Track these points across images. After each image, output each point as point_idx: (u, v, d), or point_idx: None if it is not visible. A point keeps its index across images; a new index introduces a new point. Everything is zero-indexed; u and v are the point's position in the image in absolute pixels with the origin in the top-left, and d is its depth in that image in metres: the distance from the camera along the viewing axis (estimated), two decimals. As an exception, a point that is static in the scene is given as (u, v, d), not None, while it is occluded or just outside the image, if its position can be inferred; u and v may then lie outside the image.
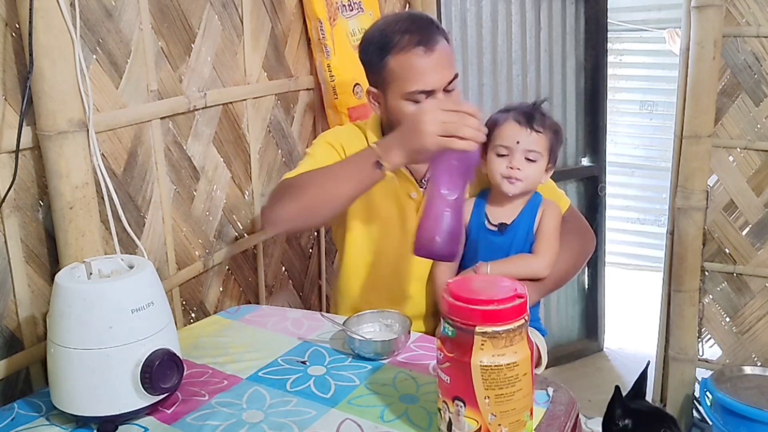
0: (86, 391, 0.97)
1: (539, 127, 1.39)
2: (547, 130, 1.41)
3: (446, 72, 1.36)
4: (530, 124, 1.39)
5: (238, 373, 1.15)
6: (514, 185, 1.40)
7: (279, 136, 1.79)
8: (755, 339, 2.33)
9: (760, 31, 2.12)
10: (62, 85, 1.12)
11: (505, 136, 1.40)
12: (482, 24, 2.65)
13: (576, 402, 1.09)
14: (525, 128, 1.39)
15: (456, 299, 0.88)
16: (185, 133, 1.48)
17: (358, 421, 1.01)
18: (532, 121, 1.39)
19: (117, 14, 1.28)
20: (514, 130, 1.39)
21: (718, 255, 2.32)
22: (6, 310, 1.15)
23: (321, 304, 2.03)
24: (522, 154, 1.39)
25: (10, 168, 1.10)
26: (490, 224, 1.45)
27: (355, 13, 1.91)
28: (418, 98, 1.35)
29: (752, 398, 2.10)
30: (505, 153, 1.40)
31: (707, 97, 2.18)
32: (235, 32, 1.59)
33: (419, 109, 1.25)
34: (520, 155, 1.39)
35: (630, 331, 3.27)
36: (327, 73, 1.83)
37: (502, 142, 1.40)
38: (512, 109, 1.43)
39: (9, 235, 1.13)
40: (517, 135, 1.39)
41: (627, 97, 4.07)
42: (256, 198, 1.71)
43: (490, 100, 2.73)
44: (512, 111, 1.43)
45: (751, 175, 2.23)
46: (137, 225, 1.36)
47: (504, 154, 1.40)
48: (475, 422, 0.88)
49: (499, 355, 0.86)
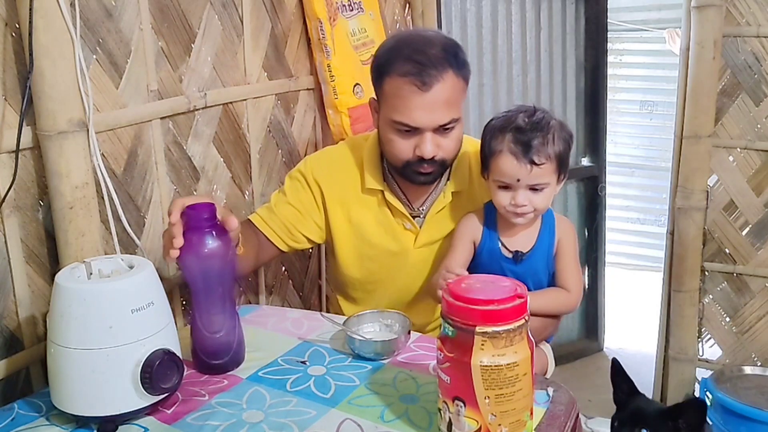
0: (86, 391, 0.96)
1: (541, 159, 1.24)
2: (551, 152, 1.25)
3: (438, 114, 1.27)
4: (529, 157, 1.23)
5: (238, 373, 1.15)
6: (522, 217, 1.30)
7: (279, 136, 1.79)
8: (755, 339, 2.33)
9: (760, 31, 2.12)
10: (62, 85, 1.12)
11: (503, 173, 1.26)
12: (482, 24, 2.65)
13: (576, 402, 1.09)
14: (524, 164, 1.24)
15: (456, 299, 0.88)
16: (185, 133, 1.48)
17: (358, 421, 1.00)
18: (530, 152, 1.23)
19: (117, 14, 1.28)
20: (513, 167, 1.25)
21: (718, 255, 2.32)
22: (6, 310, 1.15)
23: (321, 304, 2.03)
24: (525, 189, 1.27)
25: (10, 168, 1.10)
26: (506, 250, 1.35)
27: (355, 13, 1.91)
28: (402, 130, 1.29)
29: (752, 398, 2.10)
30: (507, 185, 1.28)
31: (707, 97, 2.18)
32: (235, 32, 1.59)
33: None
34: (523, 190, 1.27)
35: (630, 331, 3.27)
36: (327, 73, 1.83)
37: (501, 177, 1.27)
38: (510, 128, 1.26)
39: (9, 235, 1.13)
40: (517, 173, 1.25)
41: (627, 97, 4.07)
42: (256, 198, 1.71)
43: (490, 100, 2.73)
44: (509, 132, 1.26)
45: (751, 175, 2.23)
46: (137, 225, 1.36)
47: (506, 186, 1.28)
48: (475, 422, 0.88)
49: (499, 355, 0.86)
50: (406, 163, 1.34)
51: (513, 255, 1.35)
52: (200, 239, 1.10)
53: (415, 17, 2.20)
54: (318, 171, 1.46)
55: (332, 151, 1.53)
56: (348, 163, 1.47)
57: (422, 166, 1.33)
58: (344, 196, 1.46)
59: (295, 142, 1.85)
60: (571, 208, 3.03)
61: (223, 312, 1.15)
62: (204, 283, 1.13)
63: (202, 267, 1.12)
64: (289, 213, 1.46)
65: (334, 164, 1.47)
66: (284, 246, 1.48)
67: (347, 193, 1.46)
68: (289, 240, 1.47)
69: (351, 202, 1.46)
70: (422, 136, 1.29)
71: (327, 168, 1.47)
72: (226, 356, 1.16)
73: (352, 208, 1.46)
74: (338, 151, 1.51)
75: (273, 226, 1.46)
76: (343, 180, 1.46)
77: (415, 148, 1.31)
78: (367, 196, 1.45)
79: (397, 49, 1.30)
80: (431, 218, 1.44)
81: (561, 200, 2.98)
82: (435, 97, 1.26)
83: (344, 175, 1.46)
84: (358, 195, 1.45)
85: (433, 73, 1.25)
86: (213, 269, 1.12)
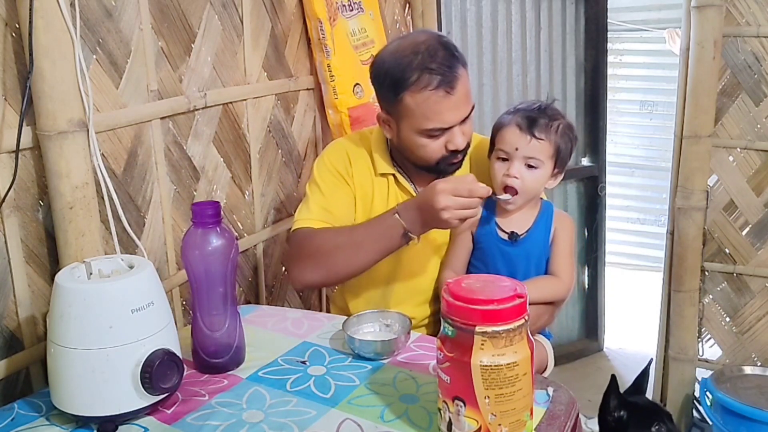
0: (86, 391, 0.96)
1: (541, 134, 1.32)
2: (552, 136, 1.32)
3: (464, 108, 1.33)
4: (531, 130, 1.32)
5: (238, 373, 1.15)
6: (511, 203, 1.35)
7: (279, 136, 1.79)
8: (755, 339, 2.33)
9: (760, 31, 2.12)
10: (62, 85, 1.12)
11: (504, 141, 1.34)
12: (482, 24, 2.65)
13: (576, 402, 1.09)
14: (525, 135, 1.32)
15: (456, 299, 0.88)
16: (185, 133, 1.48)
17: (358, 421, 1.00)
18: (534, 126, 1.32)
19: (117, 14, 1.28)
20: (514, 135, 1.33)
21: (718, 255, 2.32)
22: (6, 310, 1.15)
23: (321, 304, 2.03)
24: (521, 161, 1.33)
25: (10, 168, 1.10)
26: (502, 232, 1.39)
27: (355, 13, 1.91)
28: (435, 134, 1.34)
29: (752, 398, 2.10)
30: (505, 158, 1.35)
31: (707, 97, 2.17)
32: (235, 32, 1.59)
33: (434, 190, 1.23)
34: (519, 162, 1.33)
35: (630, 331, 3.27)
36: (327, 73, 1.83)
37: (502, 146, 1.35)
38: (520, 110, 1.36)
39: (9, 235, 1.13)
40: (517, 141, 1.32)
41: (627, 97, 4.07)
42: (256, 198, 1.71)
43: (490, 100, 2.73)
44: (519, 112, 1.35)
45: (751, 175, 2.23)
46: (137, 225, 1.36)
47: (504, 158, 1.35)
48: (475, 422, 0.88)
49: (499, 354, 0.86)
50: (439, 160, 1.38)
51: (509, 235, 1.38)
52: (204, 236, 1.12)
53: (415, 17, 2.20)
54: (340, 162, 1.47)
55: (342, 143, 1.53)
56: (359, 152, 1.49)
57: (455, 157, 1.38)
58: (363, 182, 1.47)
59: (295, 142, 1.85)
60: (571, 208, 3.03)
61: (225, 311, 1.16)
62: (206, 280, 1.13)
63: (205, 264, 1.12)
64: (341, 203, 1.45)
65: (350, 153, 1.49)
66: None
67: (365, 178, 1.48)
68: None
69: (367, 187, 1.48)
70: (451, 132, 1.34)
71: (346, 157, 1.48)
72: (226, 355, 1.16)
73: (368, 194, 1.48)
74: (347, 142, 1.52)
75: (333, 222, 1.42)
76: (360, 167, 1.47)
77: (446, 144, 1.35)
78: (380, 182, 1.47)
79: (405, 63, 1.31)
80: None
81: (561, 200, 2.98)
82: (459, 96, 1.31)
83: (359, 163, 1.47)
84: (373, 180, 1.48)
85: (454, 75, 1.30)
86: (216, 267, 1.13)
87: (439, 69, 1.29)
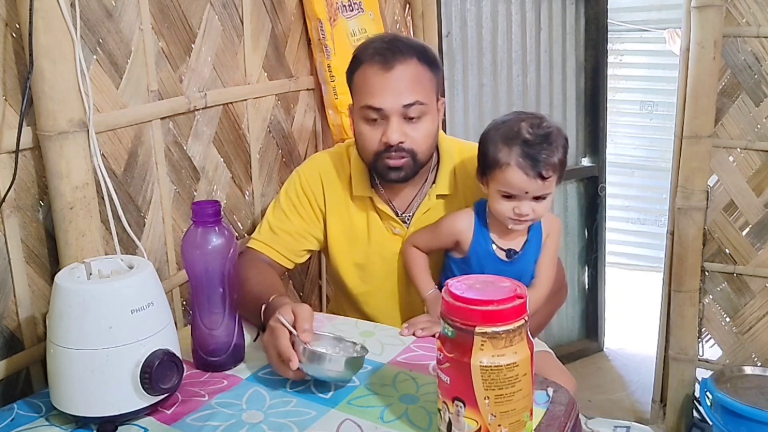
0: (86, 392, 0.97)
1: (549, 172, 1.24)
2: (557, 165, 1.25)
3: (402, 96, 1.30)
4: (538, 171, 1.23)
5: (237, 373, 1.16)
6: (523, 224, 1.31)
7: (279, 136, 1.79)
8: (755, 339, 2.33)
9: (760, 31, 2.12)
10: (62, 86, 1.12)
11: (511, 185, 1.26)
12: (482, 24, 2.65)
13: (576, 402, 1.09)
14: (534, 180, 1.24)
15: (456, 299, 0.88)
16: (185, 133, 1.48)
17: (358, 422, 1.01)
18: (540, 167, 1.23)
19: (117, 14, 1.28)
20: (522, 181, 1.24)
21: (718, 255, 2.32)
22: (6, 310, 1.15)
23: (321, 304, 2.03)
24: (530, 199, 1.27)
25: (10, 168, 1.10)
26: (500, 250, 1.35)
27: (355, 14, 1.91)
28: (370, 115, 1.32)
29: (752, 398, 2.09)
30: (510, 195, 1.28)
31: (707, 97, 2.17)
32: (235, 32, 1.59)
33: (270, 335, 1.12)
34: (527, 201, 1.27)
35: (630, 331, 3.27)
36: (327, 74, 1.83)
37: (507, 188, 1.27)
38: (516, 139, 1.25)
39: (9, 235, 1.13)
40: (526, 186, 1.25)
41: (627, 97, 4.07)
42: (256, 198, 1.71)
43: (490, 100, 2.73)
44: (516, 146, 1.24)
45: (751, 175, 2.23)
46: (137, 225, 1.36)
47: (509, 196, 1.28)
48: (474, 422, 0.88)
49: (499, 355, 0.86)
50: (375, 156, 1.35)
51: (506, 253, 1.35)
52: (204, 235, 1.12)
53: (415, 17, 2.20)
54: (314, 183, 1.47)
55: (320, 161, 1.51)
56: (336, 171, 1.48)
57: (390, 155, 1.34)
58: (338, 205, 1.47)
59: (295, 142, 1.85)
60: (571, 208, 3.03)
61: (224, 309, 1.16)
62: (206, 278, 1.14)
63: (205, 262, 1.13)
64: (293, 230, 1.46)
65: (325, 174, 1.48)
66: (290, 264, 1.49)
67: (339, 201, 1.47)
68: (294, 257, 1.48)
69: (343, 210, 1.47)
70: (388, 123, 1.32)
71: (319, 179, 1.47)
72: (225, 353, 1.17)
73: (344, 217, 1.47)
74: (326, 160, 1.50)
75: (278, 247, 1.46)
76: (335, 189, 1.47)
77: (381, 136, 1.33)
78: (357, 204, 1.46)
79: (364, 46, 1.37)
80: (417, 220, 1.45)
81: (561, 200, 2.98)
82: (398, 77, 1.30)
83: (335, 185, 1.47)
84: (348, 203, 1.47)
85: (396, 56, 1.31)
86: (216, 265, 1.13)
87: (384, 48, 1.32)
